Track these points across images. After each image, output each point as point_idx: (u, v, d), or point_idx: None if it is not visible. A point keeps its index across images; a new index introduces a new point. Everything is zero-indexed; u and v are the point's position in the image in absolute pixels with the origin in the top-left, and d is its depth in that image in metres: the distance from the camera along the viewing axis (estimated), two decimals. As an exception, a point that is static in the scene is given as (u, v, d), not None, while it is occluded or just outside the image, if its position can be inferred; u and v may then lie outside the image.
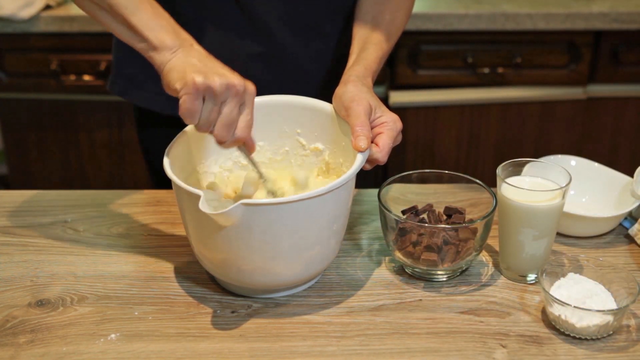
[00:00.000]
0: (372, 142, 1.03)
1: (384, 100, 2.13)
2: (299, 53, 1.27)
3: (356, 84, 1.07)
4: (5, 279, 1.07)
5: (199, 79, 0.90)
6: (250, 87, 0.96)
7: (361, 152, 1.00)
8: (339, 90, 1.07)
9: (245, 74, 1.23)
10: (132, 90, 1.32)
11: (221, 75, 0.92)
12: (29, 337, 0.96)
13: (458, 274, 1.07)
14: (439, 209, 1.10)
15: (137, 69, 1.29)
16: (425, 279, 1.07)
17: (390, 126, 1.04)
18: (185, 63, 0.93)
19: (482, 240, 1.04)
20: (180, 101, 0.91)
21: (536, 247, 1.03)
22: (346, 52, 1.19)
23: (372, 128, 1.03)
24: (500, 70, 2.11)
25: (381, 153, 1.02)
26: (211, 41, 1.23)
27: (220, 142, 0.96)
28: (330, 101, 1.10)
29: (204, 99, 0.92)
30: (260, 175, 1.04)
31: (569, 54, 2.12)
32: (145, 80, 1.29)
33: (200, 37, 1.21)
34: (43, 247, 1.14)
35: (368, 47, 1.15)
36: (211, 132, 0.95)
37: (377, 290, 1.05)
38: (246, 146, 1.00)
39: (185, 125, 1.06)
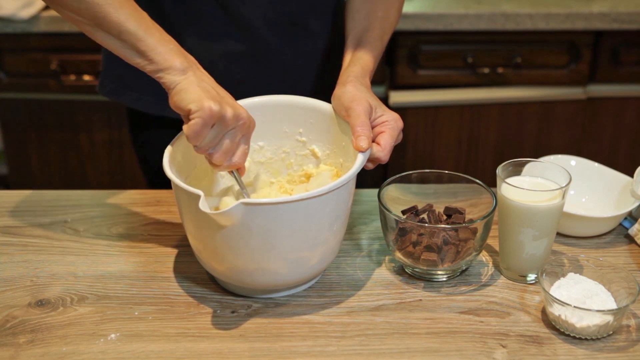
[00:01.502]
0: (373, 141, 1.03)
1: (384, 100, 2.13)
2: (283, 51, 1.26)
3: (355, 84, 1.07)
4: (5, 279, 1.07)
5: (215, 107, 0.93)
6: (254, 122, 1.01)
7: (362, 152, 1.00)
8: (337, 90, 1.07)
9: (228, 73, 1.24)
10: (121, 91, 1.32)
11: (232, 107, 0.96)
12: (29, 337, 0.96)
13: (458, 274, 1.07)
14: (439, 209, 1.10)
15: (126, 70, 1.29)
16: (425, 279, 1.07)
17: (391, 125, 1.04)
18: (199, 87, 0.95)
19: (482, 240, 1.04)
20: (191, 122, 0.93)
21: (536, 247, 1.03)
22: (334, 49, 1.19)
23: (373, 127, 1.04)
24: (500, 70, 2.11)
25: (383, 152, 1.02)
26: (193, 40, 1.23)
27: (215, 166, 0.99)
28: (321, 99, 1.10)
29: (212, 125, 0.95)
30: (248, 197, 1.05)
31: (569, 54, 2.12)
32: (134, 81, 1.29)
33: (182, 36, 1.21)
34: (43, 247, 1.14)
35: (363, 46, 1.15)
36: (209, 155, 0.97)
37: (377, 290, 1.05)
38: (239, 171, 1.03)
39: (181, 126, 1.06)
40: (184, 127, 0.94)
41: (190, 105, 0.93)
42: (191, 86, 0.95)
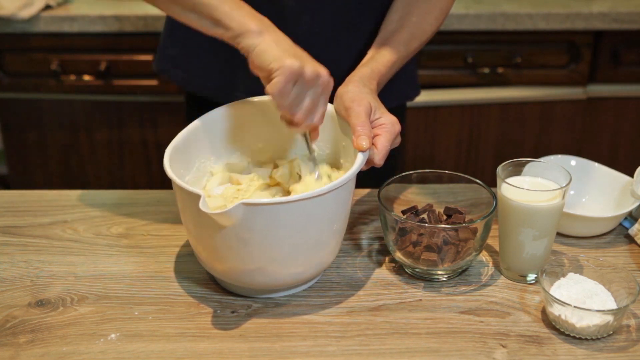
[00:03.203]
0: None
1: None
2: (329, 47, 1.25)
3: (358, 84, 1.07)
4: (5, 279, 1.07)
5: (296, 64, 0.96)
6: (332, 81, 1.02)
7: (363, 151, 1.00)
8: (340, 90, 1.07)
9: None
10: (171, 70, 1.36)
11: (313, 65, 0.98)
12: (29, 337, 0.96)
13: (458, 274, 1.07)
14: (439, 209, 1.10)
15: (178, 50, 1.33)
16: (425, 279, 1.07)
17: (388, 128, 1.04)
18: (279, 46, 0.98)
19: (482, 240, 1.04)
20: (274, 81, 0.96)
21: (536, 247, 1.03)
22: None
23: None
24: (500, 70, 2.11)
25: (379, 155, 1.02)
26: None
27: (296, 125, 1.01)
28: None
29: (294, 83, 0.97)
30: (314, 161, 1.07)
31: (569, 54, 2.12)
32: (185, 62, 1.32)
33: None
34: (43, 247, 1.14)
35: (384, 49, 1.15)
36: (291, 114, 1.00)
37: (377, 290, 1.05)
38: (312, 134, 1.06)
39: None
40: (268, 86, 0.97)
41: (272, 64, 0.96)
42: (270, 46, 0.98)
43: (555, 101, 2.17)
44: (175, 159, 1.03)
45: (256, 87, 1.21)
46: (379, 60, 1.13)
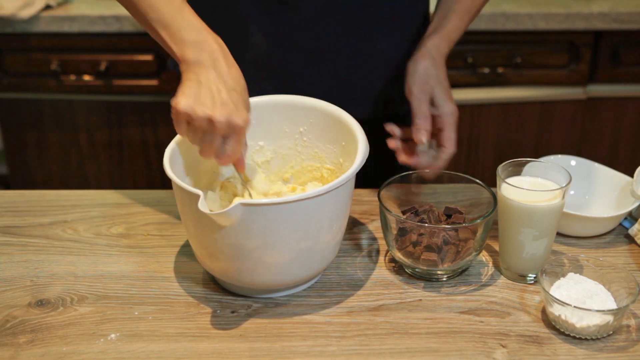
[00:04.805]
0: (436, 139, 1.12)
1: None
2: (343, 53, 1.25)
3: (427, 61, 1.13)
4: (5, 279, 1.07)
5: (184, 108, 0.96)
6: (237, 122, 0.96)
7: (421, 144, 1.08)
8: (410, 66, 1.14)
9: (285, 67, 1.25)
10: None
11: (205, 111, 0.95)
12: (29, 337, 0.96)
13: (458, 274, 1.07)
14: (439, 209, 1.11)
15: None
16: (425, 279, 1.07)
17: (449, 120, 1.11)
18: (191, 85, 0.97)
19: (482, 240, 1.04)
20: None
21: (536, 247, 1.03)
22: (397, 65, 1.22)
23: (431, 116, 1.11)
24: (500, 70, 2.11)
25: (449, 150, 1.13)
26: (253, 32, 1.23)
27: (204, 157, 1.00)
28: (364, 104, 1.11)
29: (187, 124, 0.98)
30: (249, 194, 1.07)
31: (569, 54, 2.12)
32: None
33: (244, 27, 1.21)
34: (43, 247, 1.14)
35: (450, 16, 1.20)
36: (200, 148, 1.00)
37: (377, 290, 1.05)
38: (235, 166, 1.05)
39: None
40: None
41: (172, 101, 0.98)
42: (185, 82, 0.98)
43: (555, 101, 2.16)
44: (175, 159, 1.03)
45: (266, 87, 1.21)
46: (446, 27, 1.18)
